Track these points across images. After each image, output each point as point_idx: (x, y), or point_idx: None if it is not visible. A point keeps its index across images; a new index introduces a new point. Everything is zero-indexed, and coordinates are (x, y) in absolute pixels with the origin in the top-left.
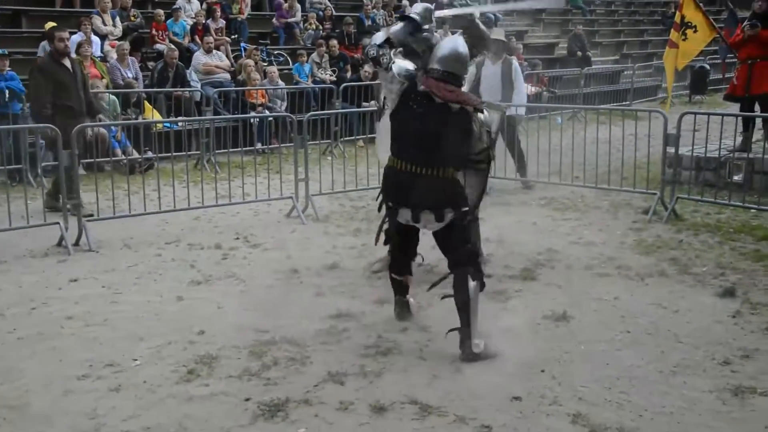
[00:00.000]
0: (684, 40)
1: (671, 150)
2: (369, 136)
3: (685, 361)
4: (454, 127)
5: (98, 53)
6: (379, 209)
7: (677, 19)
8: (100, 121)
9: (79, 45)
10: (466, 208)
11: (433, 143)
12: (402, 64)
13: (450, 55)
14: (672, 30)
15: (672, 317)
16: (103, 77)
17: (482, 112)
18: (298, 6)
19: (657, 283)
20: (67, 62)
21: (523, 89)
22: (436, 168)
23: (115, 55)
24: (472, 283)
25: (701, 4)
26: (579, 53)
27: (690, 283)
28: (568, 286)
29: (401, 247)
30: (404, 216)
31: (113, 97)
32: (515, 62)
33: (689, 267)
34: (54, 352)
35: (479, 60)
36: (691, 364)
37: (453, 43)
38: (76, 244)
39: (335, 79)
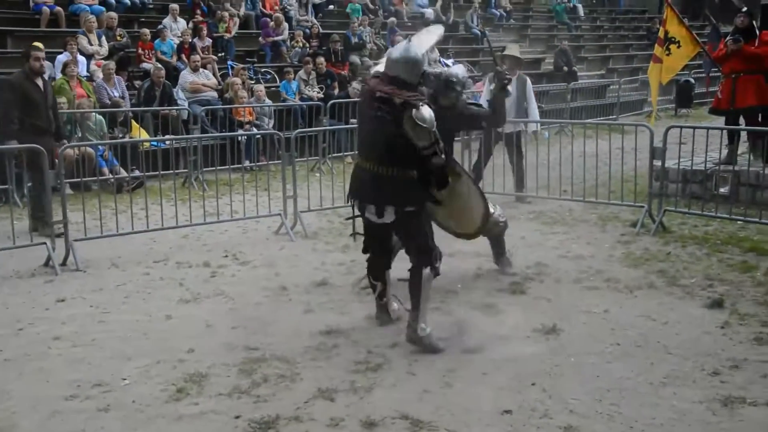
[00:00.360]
0: (668, 55)
1: (658, 163)
2: (356, 152)
3: (674, 372)
4: (386, 123)
5: (84, 73)
6: (350, 205)
7: (661, 34)
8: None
9: (65, 65)
10: (411, 208)
11: (378, 142)
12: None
13: (396, 59)
14: (656, 45)
15: (661, 329)
16: (89, 96)
17: (417, 108)
18: (285, 24)
19: (646, 296)
20: (39, 81)
21: (535, 106)
22: (386, 166)
23: (101, 75)
24: (425, 271)
25: (685, 20)
26: (565, 68)
27: (678, 295)
28: (558, 300)
29: (374, 248)
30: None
31: (100, 117)
32: (528, 80)
33: (677, 279)
34: (41, 373)
35: (492, 75)
36: (680, 376)
37: (401, 48)
38: (64, 264)
39: (322, 96)
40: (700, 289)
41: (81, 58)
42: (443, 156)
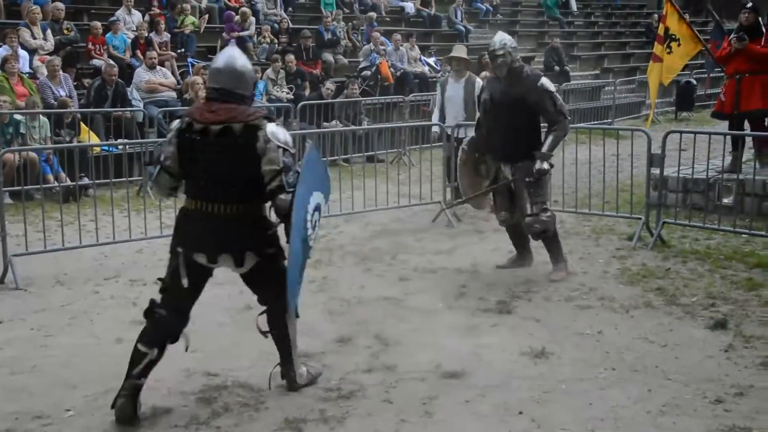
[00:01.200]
0: (668, 53)
1: (656, 171)
2: (329, 158)
3: (674, 400)
4: (229, 153)
5: (27, 69)
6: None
7: (661, 31)
8: None
9: (5, 60)
10: (272, 250)
11: (220, 177)
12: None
13: (220, 69)
14: (656, 43)
15: (660, 352)
16: (31, 95)
17: (260, 128)
18: (252, 18)
19: (643, 316)
20: None
21: None
22: (234, 205)
23: (45, 72)
24: (287, 314)
25: (686, 15)
26: (556, 67)
27: (678, 315)
28: (547, 320)
29: (178, 299)
30: (200, 260)
31: (44, 118)
32: (478, 80)
33: (677, 297)
34: None
35: (443, 79)
36: (680, 403)
37: (225, 55)
38: (1, 281)
39: (292, 97)
40: (702, 308)
41: (23, 53)
42: (290, 195)
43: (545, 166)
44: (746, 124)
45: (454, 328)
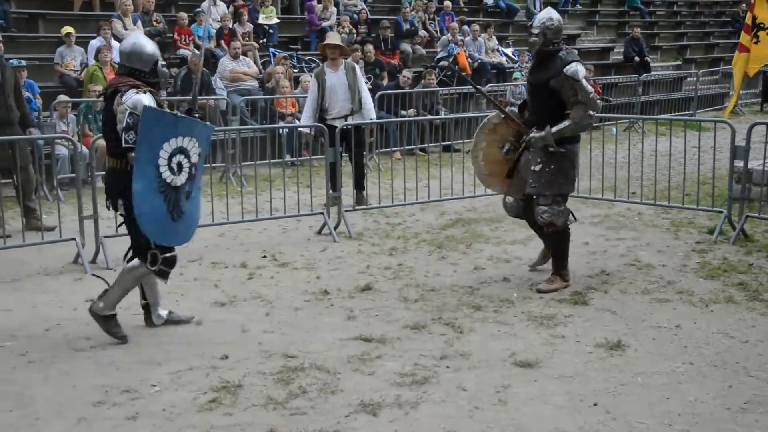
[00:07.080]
0: (756, 43)
1: (740, 164)
2: (406, 147)
3: (756, 397)
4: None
5: (118, 60)
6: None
7: (748, 20)
8: (31, 134)
9: (98, 50)
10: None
11: (111, 136)
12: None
13: (121, 51)
14: (743, 32)
15: (741, 348)
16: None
17: (122, 93)
18: (333, 9)
19: (723, 311)
20: None
21: (368, 98)
22: (114, 158)
23: None
24: (135, 261)
25: None
26: (636, 58)
27: (761, 311)
28: (624, 313)
29: None
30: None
31: None
32: (358, 68)
33: (760, 293)
34: (67, 377)
35: (318, 70)
36: (762, 401)
37: (130, 40)
38: (93, 261)
39: (371, 86)
40: None
41: (115, 44)
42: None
43: (540, 141)
44: None
45: (528, 318)
